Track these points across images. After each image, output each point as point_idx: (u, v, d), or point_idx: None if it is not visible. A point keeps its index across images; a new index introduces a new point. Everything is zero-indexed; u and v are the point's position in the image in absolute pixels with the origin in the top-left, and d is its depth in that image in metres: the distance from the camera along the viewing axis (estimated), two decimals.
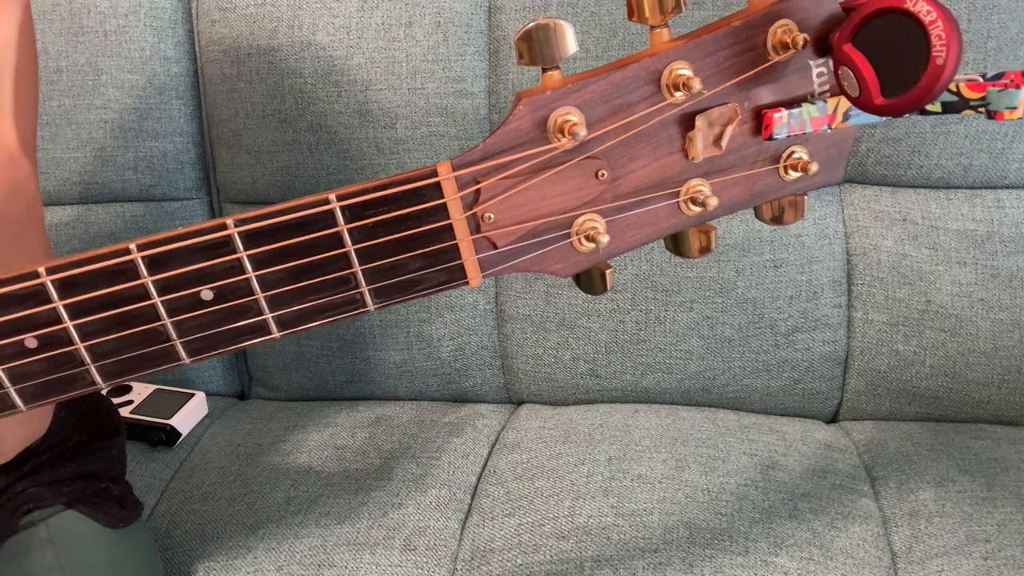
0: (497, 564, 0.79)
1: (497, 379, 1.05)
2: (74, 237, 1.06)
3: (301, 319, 0.42)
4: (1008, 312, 0.92)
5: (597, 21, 0.91)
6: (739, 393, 0.99)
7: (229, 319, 0.41)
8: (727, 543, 0.78)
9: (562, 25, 0.39)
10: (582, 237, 0.43)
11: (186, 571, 0.80)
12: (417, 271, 0.42)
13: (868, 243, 0.95)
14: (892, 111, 0.37)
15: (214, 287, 0.40)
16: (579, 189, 0.42)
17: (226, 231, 0.40)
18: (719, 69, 0.41)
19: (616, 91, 0.41)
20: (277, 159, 1.00)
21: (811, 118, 0.41)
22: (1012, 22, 0.87)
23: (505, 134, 0.41)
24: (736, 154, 0.43)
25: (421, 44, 0.94)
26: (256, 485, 0.89)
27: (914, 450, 0.91)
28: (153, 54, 1.00)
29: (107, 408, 0.78)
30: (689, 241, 0.46)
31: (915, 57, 0.35)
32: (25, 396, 0.41)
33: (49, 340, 0.40)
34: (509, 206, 0.42)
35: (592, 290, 0.45)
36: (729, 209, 0.45)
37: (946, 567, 0.76)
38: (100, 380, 0.41)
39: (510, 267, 0.44)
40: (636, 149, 0.42)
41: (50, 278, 0.39)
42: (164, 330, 0.41)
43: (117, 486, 0.75)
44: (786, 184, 0.45)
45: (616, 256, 0.45)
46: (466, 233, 0.42)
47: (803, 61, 0.42)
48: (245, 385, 1.14)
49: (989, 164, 0.92)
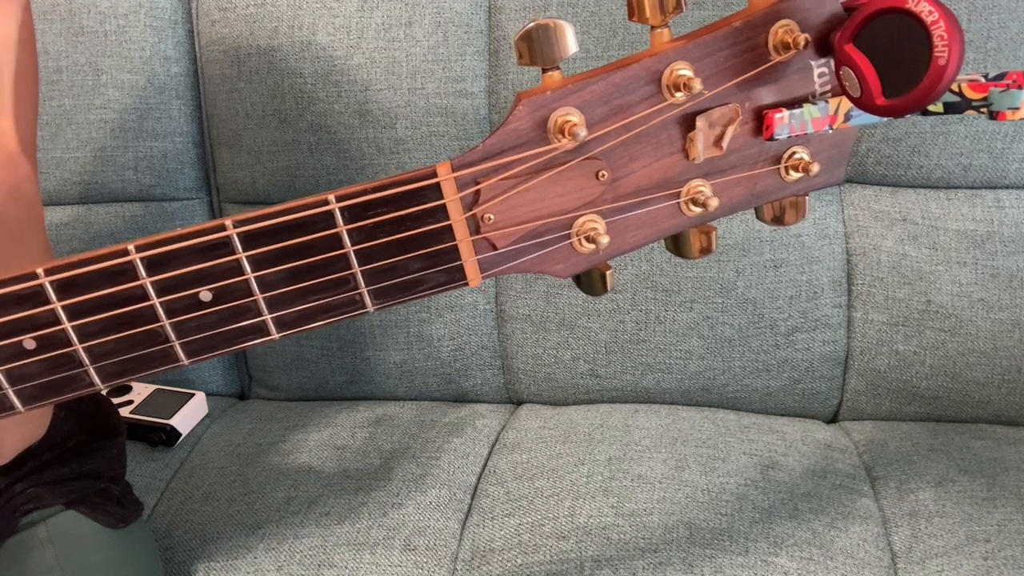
0: (497, 564, 0.79)
1: (497, 379, 1.05)
2: (74, 237, 1.06)
3: (300, 320, 0.42)
4: (1008, 312, 0.92)
5: (597, 21, 0.91)
6: (739, 393, 0.99)
7: (228, 320, 0.41)
8: (727, 543, 0.78)
9: (562, 25, 0.39)
10: (582, 238, 0.43)
11: (186, 571, 0.80)
12: (417, 272, 0.42)
13: (868, 243, 0.95)
14: (894, 112, 0.37)
15: (213, 288, 0.40)
16: (579, 190, 0.42)
17: (225, 232, 0.39)
18: (720, 69, 0.41)
19: (616, 91, 0.41)
20: (277, 159, 1.00)
21: (812, 118, 0.41)
22: (1012, 22, 0.87)
23: (505, 134, 0.41)
24: (737, 155, 0.43)
25: (421, 44, 0.94)
26: (256, 485, 0.89)
27: (914, 450, 0.91)
28: (153, 54, 1.00)
29: (107, 408, 0.78)
30: (690, 242, 0.45)
31: (917, 57, 0.35)
32: (24, 397, 0.41)
33: (48, 341, 0.40)
34: (509, 207, 0.42)
35: (592, 291, 0.45)
36: (730, 210, 0.45)
37: (946, 567, 0.76)
38: (99, 381, 0.41)
39: (510, 268, 0.43)
40: (637, 150, 0.42)
41: (49, 279, 0.39)
42: (163, 331, 0.41)
43: (117, 486, 0.75)
44: (787, 185, 0.45)
45: (616, 257, 0.45)
46: (466, 234, 0.42)
47: (804, 61, 0.42)
48: (245, 385, 1.14)
49: (989, 164, 0.92)
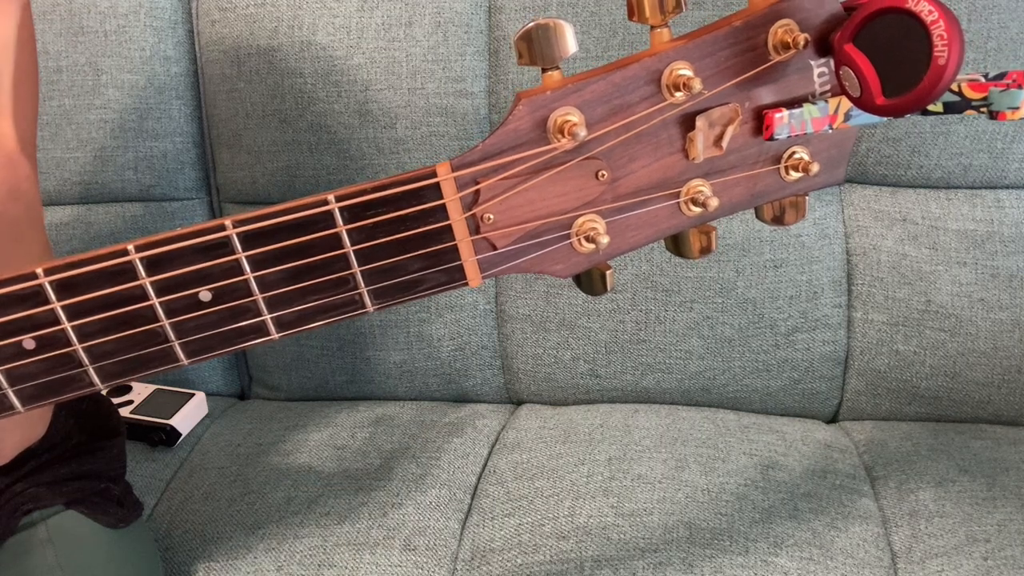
0: (497, 564, 0.79)
1: (497, 379, 1.05)
2: (74, 237, 1.06)
3: (300, 320, 0.42)
4: (1008, 312, 0.92)
5: (597, 21, 0.91)
6: (739, 393, 0.99)
7: (228, 320, 0.41)
8: (727, 543, 0.78)
9: (562, 25, 0.39)
10: (582, 238, 0.43)
11: (186, 571, 0.80)
12: (416, 272, 0.42)
13: (868, 243, 0.95)
14: (894, 111, 0.37)
15: (213, 288, 0.40)
16: (579, 190, 0.42)
17: (224, 232, 0.39)
18: (719, 69, 0.41)
19: (616, 91, 0.41)
20: (277, 159, 1.00)
21: (812, 118, 0.41)
22: (1012, 22, 0.87)
23: (505, 134, 0.41)
24: (737, 154, 0.43)
25: (421, 44, 0.94)
26: (256, 485, 0.89)
27: (914, 450, 0.91)
28: (153, 54, 1.00)
29: (107, 408, 0.78)
30: (689, 242, 0.45)
31: (917, 57, 0.35)
32: (23, 397, 0.41)
33: (47, 341, 0.40)
34: (509, 207, 0.42)
35: (592, 291, 0.45)
36: (730, 210, 0.45)
37: (946, 567, 0.76)
38: (99, 381, 0.41)
39: (510, 268, 0.43)
40: (636, 149, 0.42)
41: (48, 279, 0.39)
42: (162, 331, 0.41)
43: (117, 486, 0.75)
44: (787, 184, 0.45)
45: (616, 257, 0.45)
46: (465, 234, 0.42)
47: (804, 61, 0.42)
48: (245, 385, 1.14)
49: (989, 164, 0.92)
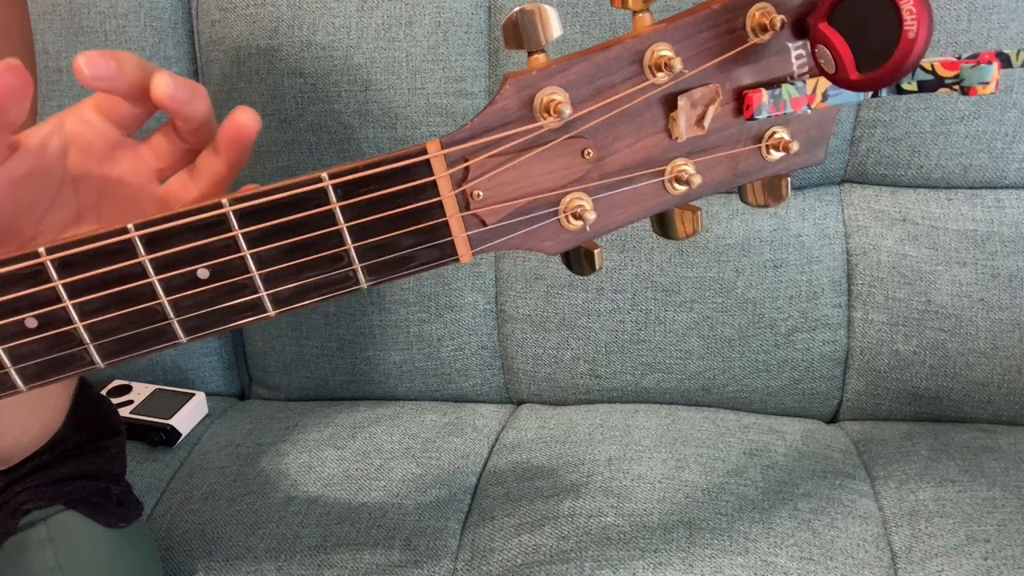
0: (497, 564, 0.79)
1: (497, 379, 1.05)
2: None
3: (296, 297, 0.43)
4: (1008, 312, 0.92)
5: (597, 21, 0.91)
6: (739, 393, 0.99)
7: (225, 297, 0.42)
8: (727, 543, 0.78)
9: (546, 10, 0.40)
10: (569, 215, 0.44)
11: (186, 571, 0.81)
12: (409, 248, 0.43)
13: (868, 243, 0.95)
14: (868, 85, 0.38)
15: (210, 265, 0.41)
16: (566, 168, 0.43)
17: (221, 209, 0.41)
18: (700, 50, 0.42)
19: (600, 71, 0.42)
20: (277, 159, 1.00)
21: (791, 98, 0.42)
22: (1012, 22, 0.87)
23: (492, 113, 0.41)
24: (719, 134, 0.44)
25: (421, 44, 0.94)
26: (256, 485, 0.89)
27: (914, 450, 0.91)
28: (153, 54, 1.00)
29: (107, 408, 0.78)
30: (675, 222, 0.46)
31: (888, 32, 0.37)
32: (25, 376, 0.41)
33: (49, 319, 0.40)
34: (497, 184, 0.42)
35: (581, 270, 0.46)
36: (713, 188, 0.46)
37: (946, 567, 0.76)
38: (99, 360, 0.41)
39: (500, 244, 0.44)
40: (621, 129, 0.43)
41: (49, 257, 0.39)
42: (161, 309, 0.41)
43: (117, 486, 0.75)
44: (768, 164, 0.46)
45: (604, 234, 0.46)
46: (456, 210, 0.42)
47: (782, 43, 0.43)
48: (245, 385, 1.14)
49: (989, 164, 0.92)
